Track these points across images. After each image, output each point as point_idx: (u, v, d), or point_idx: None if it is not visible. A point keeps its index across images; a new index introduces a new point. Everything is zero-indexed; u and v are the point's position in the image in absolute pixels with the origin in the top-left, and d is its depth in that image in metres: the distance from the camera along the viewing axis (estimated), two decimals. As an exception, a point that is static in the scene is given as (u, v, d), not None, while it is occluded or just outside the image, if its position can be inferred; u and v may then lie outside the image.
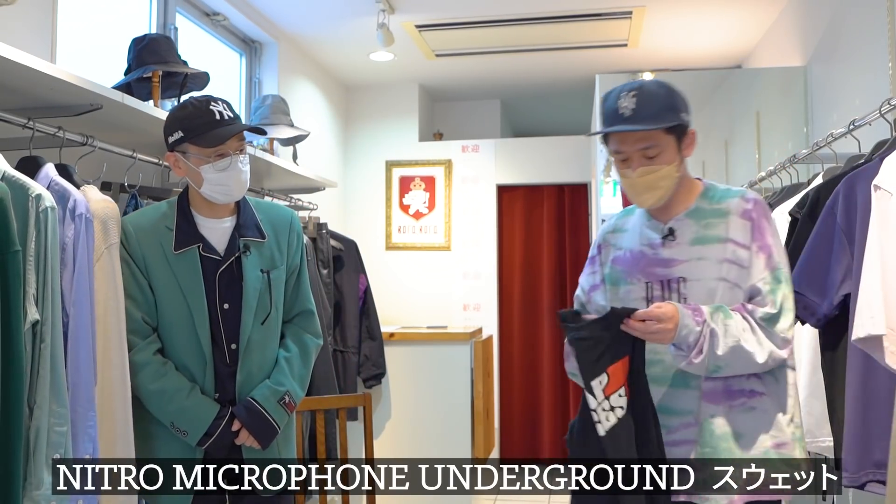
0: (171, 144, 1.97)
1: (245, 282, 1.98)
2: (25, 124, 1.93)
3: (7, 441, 1.53)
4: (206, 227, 2.01)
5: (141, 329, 1.95)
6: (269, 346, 2.04)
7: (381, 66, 4.88)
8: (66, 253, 1.86)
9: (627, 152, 1.74)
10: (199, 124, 1.92)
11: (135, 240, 1.97)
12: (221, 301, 1.97)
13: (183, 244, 1.97)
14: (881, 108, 1.95)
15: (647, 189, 1.74)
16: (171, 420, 1.92)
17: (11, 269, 1.55)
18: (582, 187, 5.45)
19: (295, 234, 2.11)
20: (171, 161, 1.99)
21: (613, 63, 4.83)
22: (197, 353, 1.96)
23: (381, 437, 4.27)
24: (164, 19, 3.33)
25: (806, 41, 3.56)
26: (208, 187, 1.95)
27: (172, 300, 1.96)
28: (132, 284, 1.95)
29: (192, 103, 1.95)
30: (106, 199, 2.05)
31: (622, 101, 1.71)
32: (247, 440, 1.96)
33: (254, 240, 2.02)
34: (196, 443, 1.92)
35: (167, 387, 1.92)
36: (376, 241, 5.29)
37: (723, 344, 1.63)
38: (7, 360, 1.53)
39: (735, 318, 1.65)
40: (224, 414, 1.94)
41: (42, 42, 2.43)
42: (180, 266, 1.96)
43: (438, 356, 4.27)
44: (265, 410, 1.96)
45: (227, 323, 1.97)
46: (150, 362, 1.93)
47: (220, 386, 1.98)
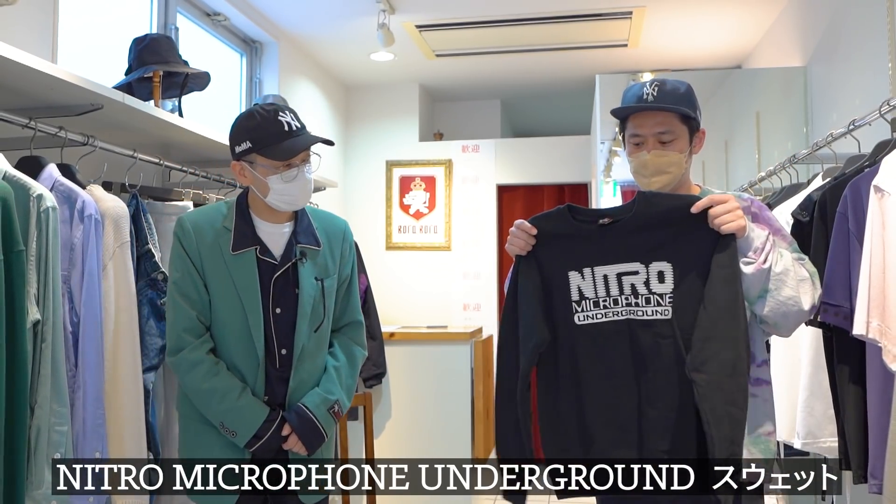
0: (237, 154, 1.96)
1: (301, 289, 1.98)
2: (26, 124, 1.93)
3: (11, 440, 1.53)
4: (264, 230, 2.01)
5: (195, 327, 1.95)
6: (319, 353, 2.05)
7: (381, 66, 4.88)
8: (74, 253, 1.87)
9: (644, 135, 1.81)
10: (267, 135, 1.91)
11: (192, 237, 1.97)
12: (275, 305, 1.97)
13: (241, 245, 1.97)
14: (881, 108, 1.95)
15: (657, 171, 1.80)
16: (220, 420, 1.91)
17: (15, 268, 1.55)
18: (582, 187, 5.46)
19: (348, 245, 2.14)
20: (236, 170, 1.99)
21: (613, 63, 4.83)
22: (250, 356, 1.95)
23: (381, 437, 4.27)
24: (164, 19, 3.33)
25: (806, 41, 3.56)
26: (274, 197, 1.96)
27: (227, 301, 1.96)
28: (187, 282, 1.96)
29: (259, 113, 1.94)
30: (115, 199, 2.07)
31: (646, 88, 1.82)
32: (294, 446, 1.96)
33: (310, 247, 2.03)
34: (244, 444, 1.91)
35: (219, 386, 1.91)
36: (376, 240, 5.29)
37: (781, 263, 1.66)
38: (11, 360, 1.53)
39: (787, 253, 1.72)
40: (274, 417, 1.94)
41: (43, 42, 2.43)
42: (237, 267, 1.96)
43: (438, 356, 4.27)
44: (316, 418, 1.97)
45: (279, 327, 1.97)
46: (203, 361, 1.93)
47: (269, 389, 1.97)
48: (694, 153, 1.85)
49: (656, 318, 1.69)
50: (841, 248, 1.81)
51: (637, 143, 1.83)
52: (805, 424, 2.13)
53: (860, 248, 1.76)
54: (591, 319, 1.73)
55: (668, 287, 1.68)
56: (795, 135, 3.57)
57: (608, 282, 1.72)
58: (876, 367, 1.72)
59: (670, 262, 1.69)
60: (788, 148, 3.51)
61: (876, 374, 1.73)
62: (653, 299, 1.69)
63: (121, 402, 2.00)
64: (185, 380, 1.94)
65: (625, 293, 1.71)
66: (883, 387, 1.71)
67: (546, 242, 1.75)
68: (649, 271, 1.70)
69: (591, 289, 1.72)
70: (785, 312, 1.67)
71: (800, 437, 2.15)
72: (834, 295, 1.80)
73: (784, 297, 1.67)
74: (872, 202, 1.70)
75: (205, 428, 1.97)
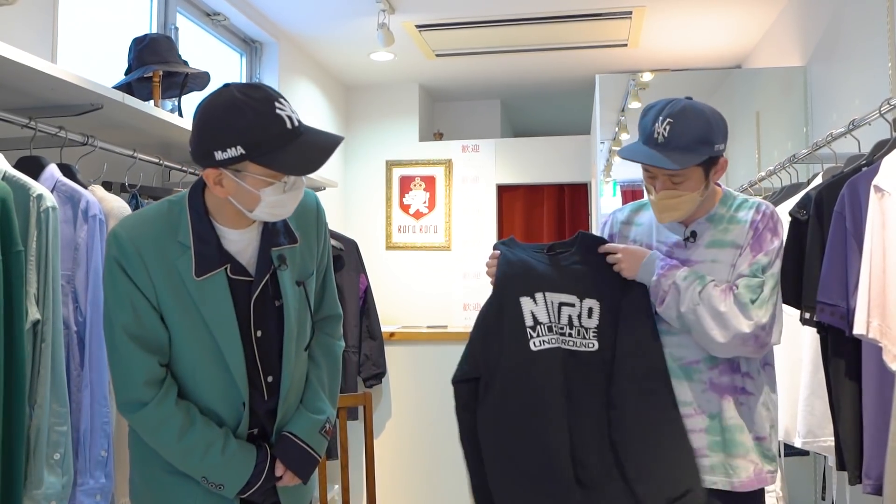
0: (220, 161, 1.46)
1: (285, 303, 1.62)
2: (26, 124, 1.93)
3: (10, 440, 1.53)
4: (230, 239, 1.59)
5: (156, 376, 1.56)
6: (303, 369, 1.73)
7: (381, 66, 4.88)
8: (79, 253, 1.87)
9: (654, 173, 1.79)
10: (267, 139, 1.45)
11: (138, 260, 1.53)
12: (255, 328, 1.60)
13: (206, 268, 1.55)
14: (881, 107, 1.95)
15: (667, 210, 1.80)
16: (203, 475, 1.58)
17: (14, 269, 1.55)
18: (582, 187, 5.46)
19: (323, 226, 1.75)
20: (211, 178, 1.51)
21: (613, 63, 4.83)
22: (230, 394, 1.60)
23: (381, 437, 4.27)
24: (164, 19, 3.33)
25: (806, 41, 3.56)
26: (263, 209, 1.53)
27: (194, 335, 1.57)
28: (139, 324, 1.54)
29: (251, 107, 1.45)
30: (117, 199, 2.07)
31: (658, 125, 1.73)
32: (290, 482, 1.67)
33: (287, 247, 1.64)
34: (234, 495, 1.61)
35: (198, 442, 1.56)
36: (376, 240, 5.29)
37: (687, 302, 1.73)
38: (10, 360, 1.53)
39: (708, 287, 1.74)
40: (264, 459, 1.63)
41: (43, 42, 2.43)
42: (204, 295, 1.55)
43: (438, 356, 4.27)
44: (308, 446, 1.67)
45: (262, 353, 1.61)
46: (174, 415, 1.56)
47: (254, 422, 1.65)
48: (714, 181, 1.82)
49: (584, 350, 1.81)
50: (838, 248, 1.81)
51: (650, 175, 1.80)
52: (805, 423, 2.14)
53: (857, 248, 1.76)
54: (546, 345, 1.78)
55: (595, 322, 1.82)
56: (795, 134, 3.57)
57: (554, 309, 1.82)
58: (872, 367, 1.72)
59: (598, 301, 1.83)
60: (788, 148, 3.51)
61: (872, 373, 1.73)
62: (581, 332, 1.82)
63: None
64: (155, 438, 1.58)
65: (561, 323, 1.81)
66: (879, 387, 1.71)
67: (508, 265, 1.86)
68: (582, 306, 1.83)
69: (544, 314, 1.81)
70: (706, 346, 1.76)
71: (800, 435, 2.15)
72: (830, 294, 1.80)
73: (698, 337, 1.76)
74: (873, 202, 1.69)
75: (174, 478, 1.61)
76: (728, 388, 1.78)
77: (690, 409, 1.79)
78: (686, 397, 1.79)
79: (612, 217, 2.03)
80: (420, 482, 4.23)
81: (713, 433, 1.77)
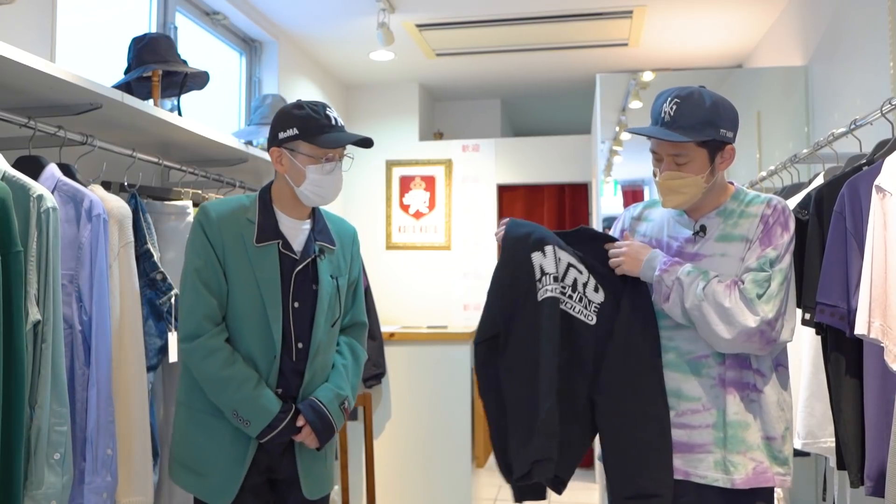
0: (280, 140, 2.00)
1: (320, 284, 2.03)
2: (25, 124, 1.92)
3: (9, 441, 1.53)
4: (286, 224, 2.04)
5: (214, 315, 1.96)
6: (330, 349, 2.10)
7: (381, 66, 4.87)
8: (82, 252, 1.87)
9: (660, 154, 1.83)
10: (316, 125, 1.97)
11: (216, 227, 1.98)
12: (294, 299, 2.00)
13: (264, 238, 1.99)
14: (882, 107, 1.94)
15: (670, 192, 1.82)
16: (234, 408, 1.91)
17: (14, 269, 1.55)
18: (582, 187, 5.46)
19: (357, 249, 2.22)
20: (275, 156, 2.02)
21: (614, 63, 4.83)
22: (266, 348, 1.97)
23: (381, 437, 4.26)
24: (164, 18, 3.32)
25: (807, 41, 3.55)
26: (308, 187, 2.00)
27: (247, 292, 1.97)
28: (209, 271, 1.96)
29: (309, 105, 2.00)
30: (118, 199, 2.07)
31: (666, 105, 1.79)
32: (307, 438, 1.98)
33: (327, 246, 2.08)
34: (257, 434, 1.92)
35: (236, 375, 1.92)
36: (376, 240, 5.29)
37: (690, 298, 1.74)
38: (9, 361, 1.53)
39: (712, 283, 1.74)
40: (288, 409, 1.96)
41: (42, 41, 2.43)
42: (259, 259, 1.98)
43: (438, 356, 4.26)
44: (329, 412, 2.00)
45: (297, 321, 1.99)
46: (222, 348, 1.94)
47: (283, 382, 1.99)
48: (720, 170, 1.83)
49: (581, 318, 1.85)
50: (837, 248, 1.81)
51: (657, 159, 1.85)
52: (805, 424, 2.13)
53: (857, 248, 1.75)
54: (549, 293, 1.83)
55: (600, 298, 1.86)
56: (796, 134, 3.57)
57: (562, 265, 1.86)
58: (873, 368, 1.72)
59: (602, 286, 1.87)
60: (789, 147, 3.51)
61: (873, 374, 1.72)
62: (585, 301, 1.85)
63: (127, 402, 2.00)
64: (201, 366, 1.93)
65: (565, 282, 1.85)
66: (880, 387, 1.70)
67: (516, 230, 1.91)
68: (589, 279, 1.87)
69: (551, 265, 1.84)
70: (712, 343, 1.76)
71: (800, 437, 2.14)
72: (829, 295, 1.80)
73: (703, 333, 1.77)
74: (874, 202, 1.69)
75: (208, 419, 1.97)
76: (737, 383, 1.78)
77: (698, 404, 1.79)
78: (694, 393, 1.79)
79: (625, 214, 2.06)
80: (420, 482, 4.23)
81: (719, 429, 1.77)
